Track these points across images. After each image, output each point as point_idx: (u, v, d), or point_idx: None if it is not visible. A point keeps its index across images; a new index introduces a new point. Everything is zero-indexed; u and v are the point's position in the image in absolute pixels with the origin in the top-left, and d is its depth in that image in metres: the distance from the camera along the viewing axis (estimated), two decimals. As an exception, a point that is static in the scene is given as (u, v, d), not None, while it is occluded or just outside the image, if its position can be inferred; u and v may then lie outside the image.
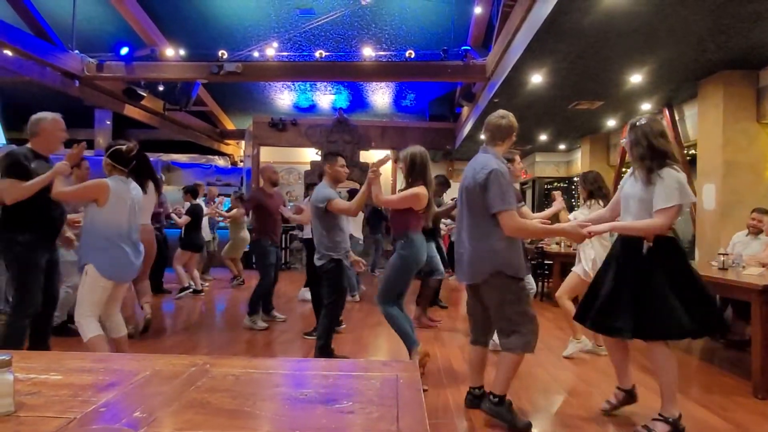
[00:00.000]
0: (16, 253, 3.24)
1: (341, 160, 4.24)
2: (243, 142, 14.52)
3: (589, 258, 4.31)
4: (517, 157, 4.23)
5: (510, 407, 2.91)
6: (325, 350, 4.05)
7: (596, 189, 4.51)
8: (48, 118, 3.35)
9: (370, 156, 12.53)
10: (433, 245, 5.81)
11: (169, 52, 9.19)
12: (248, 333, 5.30)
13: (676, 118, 7.40)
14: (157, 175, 5.34)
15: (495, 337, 4.31)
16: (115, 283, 3.34)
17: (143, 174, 5.15)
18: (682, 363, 4.49)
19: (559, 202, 4.19)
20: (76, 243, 4.13)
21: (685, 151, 7.19)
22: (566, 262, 7.19)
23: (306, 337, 5.07)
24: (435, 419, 3.00)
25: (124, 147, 3.42)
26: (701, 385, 3.84)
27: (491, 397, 2.91)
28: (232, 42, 9.52)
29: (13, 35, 7.10)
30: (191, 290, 7.45)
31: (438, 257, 5.85)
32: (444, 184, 6.33)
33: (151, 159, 5.48)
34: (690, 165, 7.02)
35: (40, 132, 3.33)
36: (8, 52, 7.38)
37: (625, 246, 2.89)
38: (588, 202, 4.51)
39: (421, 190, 3.68)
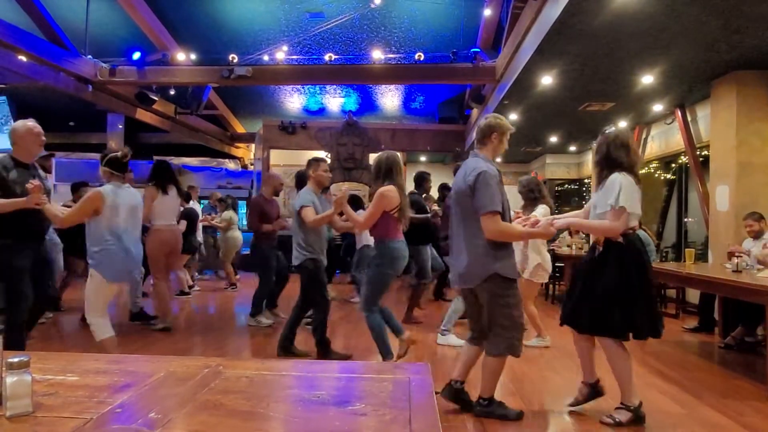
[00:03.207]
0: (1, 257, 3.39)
1: (324, 165, 4.42)
2: (253, 146, 14.60)
3: (533, 263, 4.70)
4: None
5: (499, 404, 3.08)
6: (322, 343, 4.30)
7: (528, 192, 4.83)
8: (20, 127, 3.45)
9: (379, 158, 12.55)
10: (428, 249, 5.84)
11: (181, 56, 9.28)
12: (259, 335, 5.33)
13: (689, 119, 7.33)
14: (178, 179, 5.62)
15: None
16: (117, 284, 3.54)
17: (166, 179, 5.43)
18: (697, 367, 4.45)
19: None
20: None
21: (698, 153, 7.12)
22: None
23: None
24: (447, 422, 3.00)
25: (119, 154, 3.64)
26: (717, 390, 3.79)
27: (481, 401, 3.05)
28: (243, 46, 9.59)
29: (27, 41, 7.21)
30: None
31: (428, 262, 5.89)
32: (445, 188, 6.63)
33: (162, 163, 5.69)
34: (702, 166, 6.95)
35: (16, 140, 3.43)
36: (23, 58, 7.48)
37: (589, 250, 3.19)
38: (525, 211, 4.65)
39: (385, 189, 3.75)
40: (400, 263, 3.90)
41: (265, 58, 9.03)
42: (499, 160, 14.06)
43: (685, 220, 8.03)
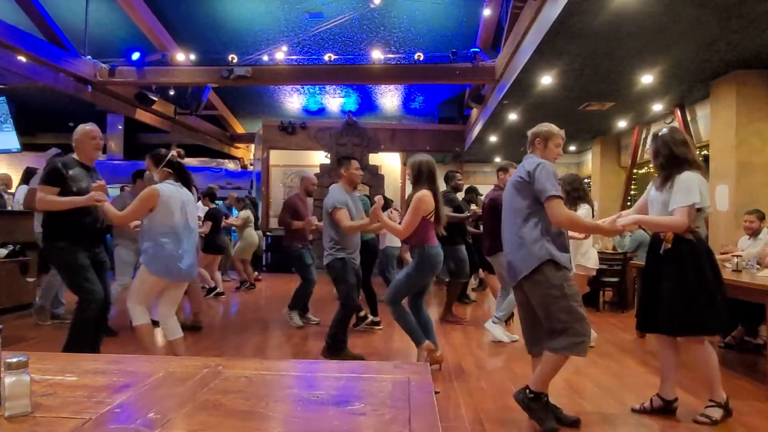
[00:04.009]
0: (61, 259, 3.54)
1: (356, 163, 4.39)
2: (253, 146, 14.61)
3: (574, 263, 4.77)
4: (512, 169, 4.50)
5: (545, 405, 2.84)
6: (335, 340, 4.22)
7: (572, 190, 4.69)
8: (78, 130, 3.59)
9: (379, 158, 12.56)
10: (463, 248, 5.85)
11: (180, 57, 9.28)
12: (260, 335, 5.32)
13: (688, 118, 7.34)
14: (193, 181, 5.61)
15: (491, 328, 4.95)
16: (164, 280, 3.52)
17: (183, 181, 5.40)
18: (697, 367, 4.43)
19: None
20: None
21: (698, 152, 7.13)
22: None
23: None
24: (446, 422, 2.99)
25: (174, 153, 3.75)
26: (716, 389, 3.79)
27: (527, 391, 2.83)
28: (242, 46, 9.59)
29: (26, 41, 7.21)
30: (214, 293, 7.58)
31: (466, 261, 5.88)
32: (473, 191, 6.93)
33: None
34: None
35: (76, 143, 3.59)
36: (22, 58, 7.48)
37: (651, 250, 3.14)
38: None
39: (422, 193, 3.77)
40: (438, 268, 3.96)
41: (265, 58, 9.03)
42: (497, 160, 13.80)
43: (685, 219, 8.04)
